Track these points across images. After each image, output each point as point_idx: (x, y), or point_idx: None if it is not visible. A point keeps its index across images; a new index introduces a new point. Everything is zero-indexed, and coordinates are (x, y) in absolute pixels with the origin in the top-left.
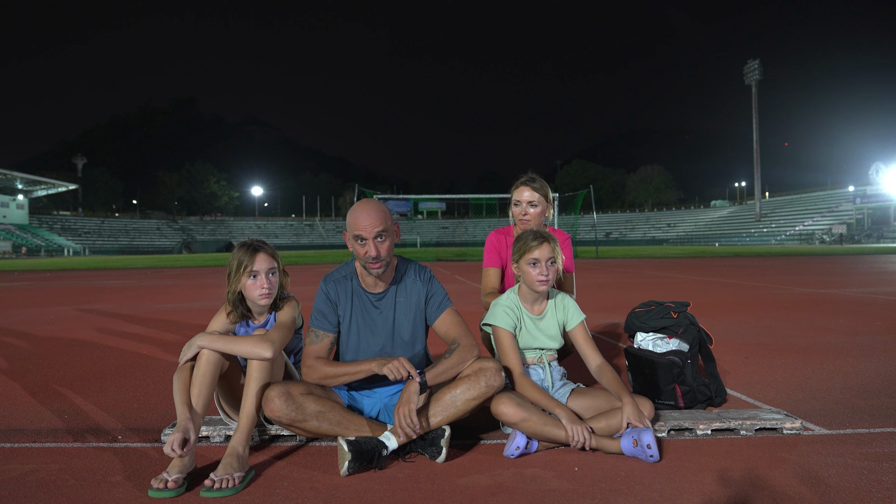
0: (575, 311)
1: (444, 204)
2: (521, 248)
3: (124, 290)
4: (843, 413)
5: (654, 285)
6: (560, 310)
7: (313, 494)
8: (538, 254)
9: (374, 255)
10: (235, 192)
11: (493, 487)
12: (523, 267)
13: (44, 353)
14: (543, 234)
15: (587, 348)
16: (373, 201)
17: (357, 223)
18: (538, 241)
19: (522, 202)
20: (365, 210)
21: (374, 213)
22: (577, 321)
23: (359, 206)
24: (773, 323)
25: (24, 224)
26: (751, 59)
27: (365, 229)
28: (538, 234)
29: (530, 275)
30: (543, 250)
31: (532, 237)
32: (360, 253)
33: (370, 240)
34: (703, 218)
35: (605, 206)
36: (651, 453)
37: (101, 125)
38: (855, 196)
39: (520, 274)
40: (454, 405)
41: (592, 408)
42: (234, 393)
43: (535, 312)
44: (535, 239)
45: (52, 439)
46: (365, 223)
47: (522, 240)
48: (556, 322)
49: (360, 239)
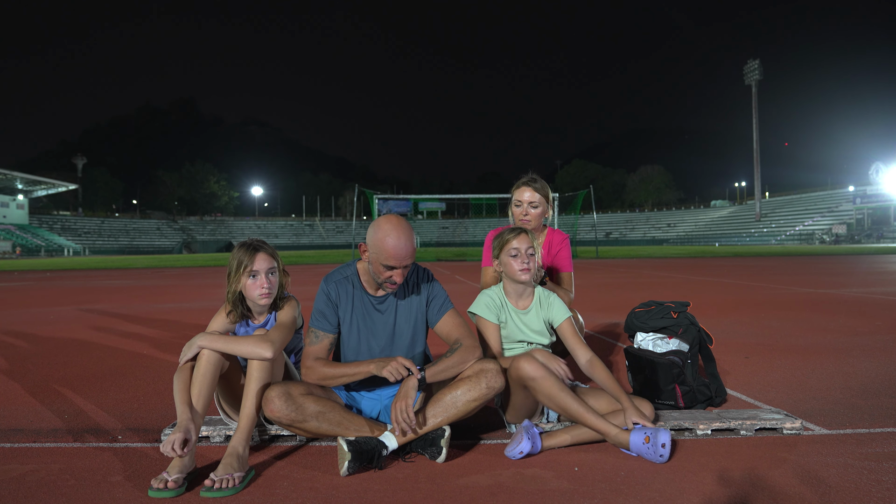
0: (559, 307)
1: (444, 204)
2: (500, 242)
3: (124, 290)
4: (843, 413)
5: (654, 285)
6: (545, 307)
7: (313, 494)
8: (517, 243)
9: (399, 282)
10: (235, 192)
11: (493, 487)
12: (504, 259)
13: (44, 353)
14: (519, 227)
15: (575, 344)
16: (407, 228)
17: (391, 253)
18: (515, 233)
19: (524, 202)
20: (401, 242)
21: (409, 247)
22: (561, 318)
23: (394, 232)
24: (773, 323)
25: (24, 224)
26: (751, 59)
27: (399, 261)
28: (514, 227)
29: (511, 266)
30: (521, 240)
31: (509, 231)
32: (383, 276)
33: (399, 269)
34: (703, 218)
35: (605, 206)
36: (662, 453)
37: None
38: (855, 196)
39: (502, 269)
40: (455, 406)
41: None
42: (234, 393)
43: (520, 307)
44: (512, 231)
45: (52, 439)
46: (401, 254)
47: (500, 236)
48: (541, 318)
49: (389, 266)
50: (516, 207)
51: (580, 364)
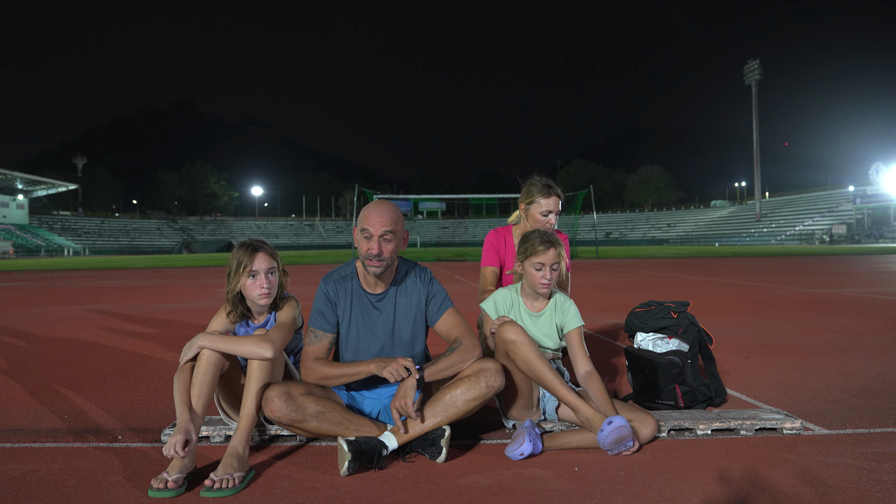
0: (574, 315)
1: (444, 204)
2: (527, 249)
3: (124, 290)
4: (843, 413)
5: (654, 285)
6: (559, 312)
7: (313, 494)
8: (544, 258)
9: (375, 252)
10: (235, 192)
11: (493, 487)
12: (527, 268)
13: (44, 353)
14: (551, 239)
15: (579, 354)
16: (390, 203)
17: (368, 218)
18: (545, 246)
19: (552, 212)
20: (378, 208)
21: (386, 212)
22: (573, 325)
23: (374, 203)
24: (773, 323)
25: (25, 224)
26: (751, 59)
27: (373, 225)
28: (545, 238)
29: (534, 277)
30: (549, 255)
31: (539, 241)
32: (363, 248)
33: (375, 237)
34: (703, 218)
35: (605, 206)
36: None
37: (101, 125)
38: (855, 196)
39: (521, 272)
40: (454, 405)
41: None
42: (234, 393)
43: (534, 309)
44: (543, 243)
45: (52, 439)
46: (375, 219)
47: (530, 241)
48: (554, 322)
49: (367, 234)
50: (542, 216)
51: (578, 374)
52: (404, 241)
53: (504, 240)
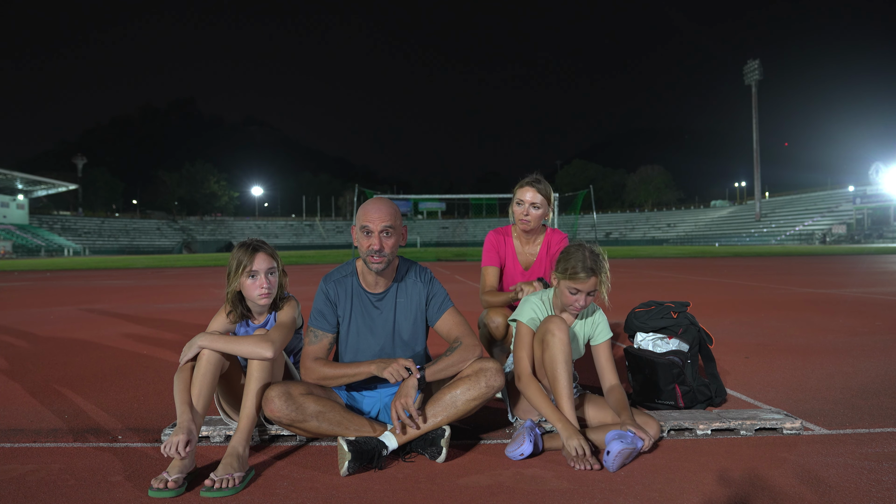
0: (604, 328)
1: (444, 204)
2: (568, 270)
3: (124, 290)
4: (843, 413)
5: (654, 285)
6: (589, 324)
7: (313, 494)
8: (582, 287)
9: (376, 248)
10: (235, 192)
11: (493, 487)
12: (563, 287)
13: (44, 353)
14: (594, 267)
15: (607, 367)
16: (386, 199)
17: (367, 215)
18: (587, 275)
19: (526, 202)
20: (376, 204)
21: (384, 208)
22: (603, 338)
23: (371, 200)
24: (773, 323)
25: (25, 224)
26: (751, 59)
27: (373, 221)
28: (588, 265)
29: (568, 298)
30: (588, 284)
31: (582, 267)
32: (364, 245)
33: (376, 233)
34: (703, 218)
35: (605, 206)
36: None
37: (101, 125)
38: (855, 196)
39: (557, 287)
40: (454, 405)
41: (597, 418)
42: (234, 393)
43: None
44: (585, 271)
45: (52, 439)
46: (374, 216)
47: (572, 263)
48: (583, 333)
49: (367, 231)
50: (517, 206)
51: (603, 385)
52: (403, 236)
53: (504, 240)
